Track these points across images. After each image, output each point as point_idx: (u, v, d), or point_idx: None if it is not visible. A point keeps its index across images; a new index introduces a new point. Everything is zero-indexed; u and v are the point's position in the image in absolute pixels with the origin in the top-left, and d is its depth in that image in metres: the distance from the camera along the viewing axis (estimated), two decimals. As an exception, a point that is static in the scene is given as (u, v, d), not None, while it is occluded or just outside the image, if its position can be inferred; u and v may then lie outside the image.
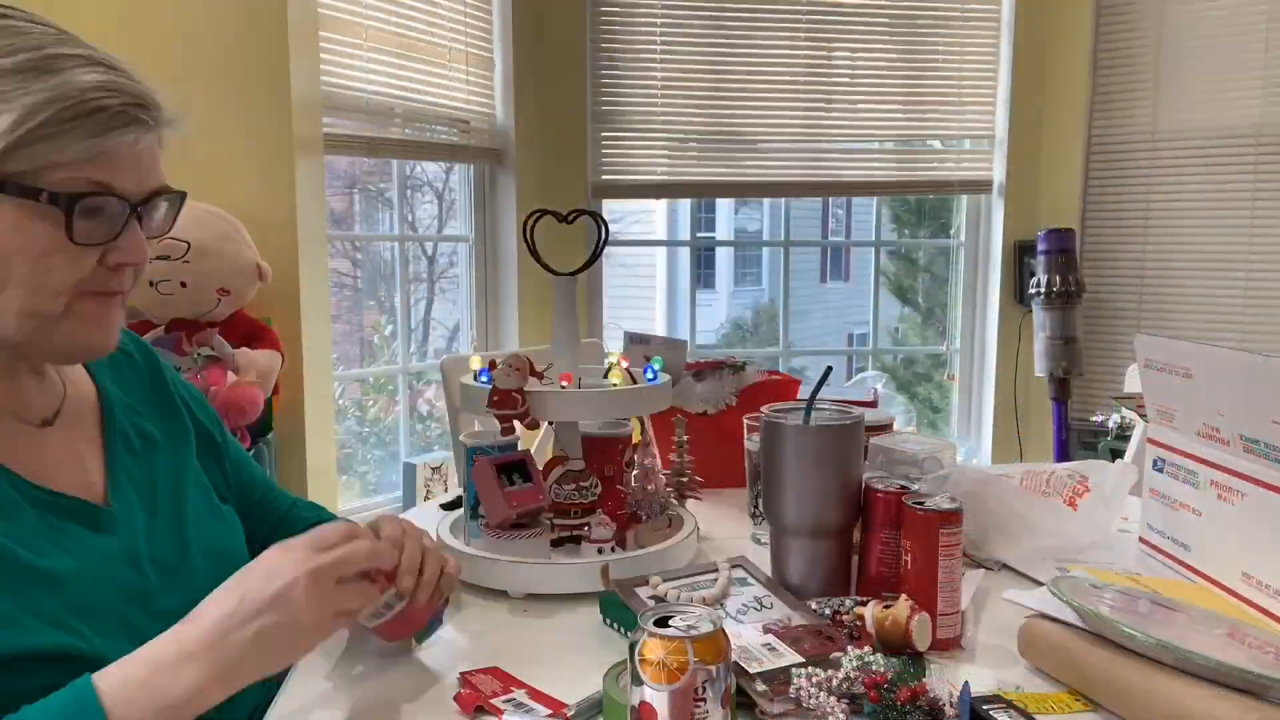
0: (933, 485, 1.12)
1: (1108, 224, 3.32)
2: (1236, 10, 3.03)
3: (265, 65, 2.12)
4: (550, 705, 0.82)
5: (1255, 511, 1.01)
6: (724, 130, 3.22)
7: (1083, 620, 0.86)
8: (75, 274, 0.74)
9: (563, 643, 0.98)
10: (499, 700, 0.83)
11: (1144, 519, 1.22)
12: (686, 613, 0.70)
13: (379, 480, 3.43)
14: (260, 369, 2.00)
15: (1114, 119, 3.27)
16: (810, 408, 1.06)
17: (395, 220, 2.94)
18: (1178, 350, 1.12)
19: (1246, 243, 3.08)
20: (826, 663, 0.84)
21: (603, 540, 1.13)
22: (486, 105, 2.94)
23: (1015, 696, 0.82)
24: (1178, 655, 0.76)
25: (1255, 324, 3.08)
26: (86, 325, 0.76)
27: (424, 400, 3.55)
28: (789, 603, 0.99)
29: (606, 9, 3.10)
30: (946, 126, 3.34)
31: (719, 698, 0.67)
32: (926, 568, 0.95)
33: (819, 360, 6.69)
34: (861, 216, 9.92)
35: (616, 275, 7.54)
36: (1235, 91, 3.06)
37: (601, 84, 3.13)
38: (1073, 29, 3.27)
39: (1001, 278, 3.36)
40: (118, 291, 0.78)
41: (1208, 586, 1.09)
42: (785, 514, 1.06)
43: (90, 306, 0.76)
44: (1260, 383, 0.99)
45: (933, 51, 3.28)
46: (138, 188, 0.76)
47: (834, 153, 3.32)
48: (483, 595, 1.11)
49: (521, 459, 1.14)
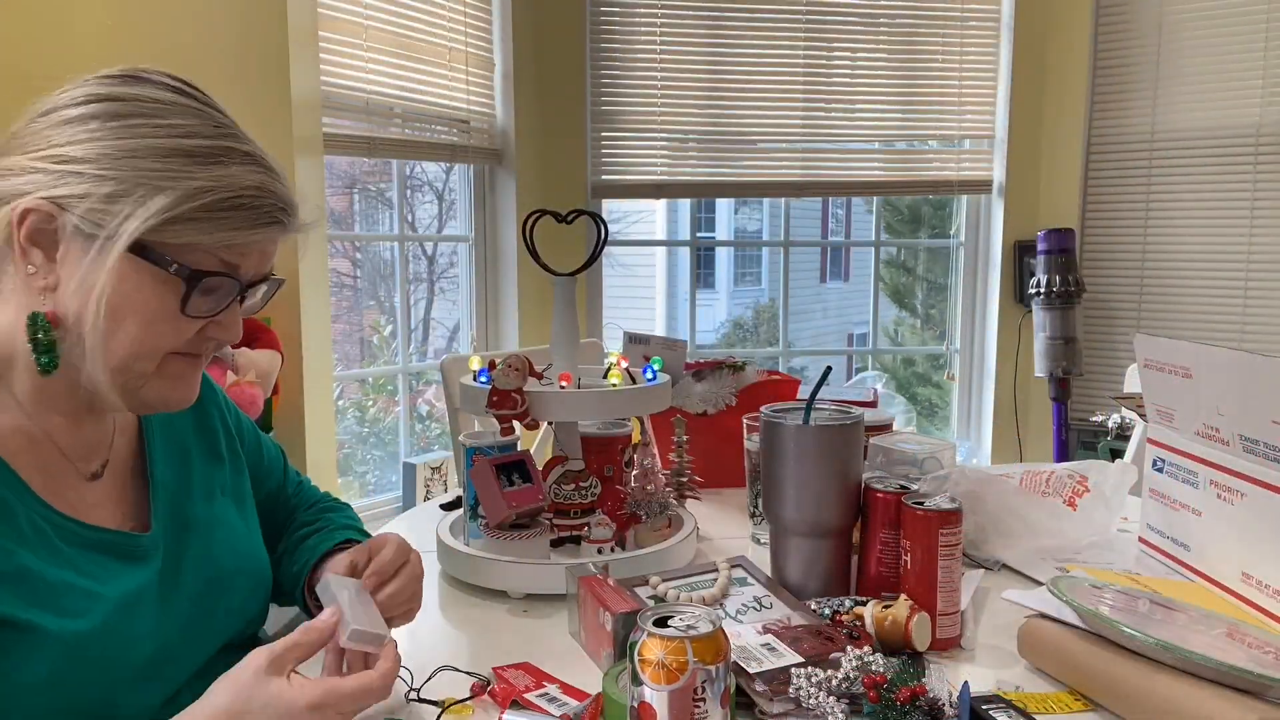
0: (932, 485, 1.12)
1: (1108, 224, 3.32)
2: (1236, 10, 3.03)
3: (265, 65, 2.12)
4: (581, 699, 0.83)
5: (1255, 511, 1.01)
6: (723, 130, 3.22)
7: (1082, 620, 0.86)
8: (174, 341, 0.77)
9: (564, 644, 0.98)
10: (533, 695, 0.84)
11: (1144, 519, 1.22)
12: (686, 613, 0.70)
13: (378, 480, 3.43)
14: (260, 369, 2.00)
15: (1114, 119, 3.27)
16: (810, 408, 1.06)
17: (395, 220, 2.94)
18: (1177, 350, 1.12)
19: (1246, 243, 3.08)
20: (826, 663, 0.84)
21: (602, 540, 1.13)
22: (486, 105, 2.94)
23: (1015, 696, 0.82)
24: (1177, 655, 0.76)
25: (1255, 324, 3.08)
26: (171, 383, 0.79)
27: (423, 400, 3.55)
28: (788, 603, 0.99)
29: (606, 9, 3.10)
30: (946, 126, 3.34)
31: (718, 698, 0.67)
32: (926, 568, 0.95)
33: (819, 360, 6.69)
34: (861, 217, 9.92)
35: (616, 275, 7.54)
36: (1235, 91, 3.06)
37: (601, 84, 3.13)
38: (1073, 29, 3.27)
39: (1001, 278, 3.36)
40: (202, 354, 0.81)
41: (1207, 586, 1.09)
42: (785, 514, 1.06)
43: (177, 367, 0.79)
44: (1260, 383, 0.99)
45: (932, 51, 3.28)
46: (254, 273, 0.80)
47: (833, 153, 3.32)
48: (482, 595, 1.11)
49: (521, 459, 1.14)
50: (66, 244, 0.72)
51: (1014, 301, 3.36)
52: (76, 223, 0.71)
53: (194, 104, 0.77)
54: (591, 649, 0.94)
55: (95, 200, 0.71)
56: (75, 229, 0.71)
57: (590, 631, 0.94)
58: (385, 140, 2.57)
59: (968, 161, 3.37)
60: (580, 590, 0.96)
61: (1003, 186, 3.35)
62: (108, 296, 0.72)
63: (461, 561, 1.13)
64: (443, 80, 2.73)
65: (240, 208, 0.74)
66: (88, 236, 0.71)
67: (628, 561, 1.10)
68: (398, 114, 2.63)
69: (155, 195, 0.71)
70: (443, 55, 2.72)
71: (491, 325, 3.08)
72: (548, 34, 3.05)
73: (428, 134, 2.75)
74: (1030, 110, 3.31)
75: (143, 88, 0.75)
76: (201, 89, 0.80)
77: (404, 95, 2.60)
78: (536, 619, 1.05)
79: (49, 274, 0.73)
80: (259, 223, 0.76)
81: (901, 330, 7.77)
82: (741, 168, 3.27)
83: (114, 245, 0.71)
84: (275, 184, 0.78)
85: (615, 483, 1.21)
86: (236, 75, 2.10)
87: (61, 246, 0.72)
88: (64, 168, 0.71)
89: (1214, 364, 1.07)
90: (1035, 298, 3.12)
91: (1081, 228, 3.32)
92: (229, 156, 0.75)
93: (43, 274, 0.73)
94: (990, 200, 3.41)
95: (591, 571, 0.99)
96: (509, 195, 3.01)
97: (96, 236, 0.71)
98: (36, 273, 0.73)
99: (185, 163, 0.73)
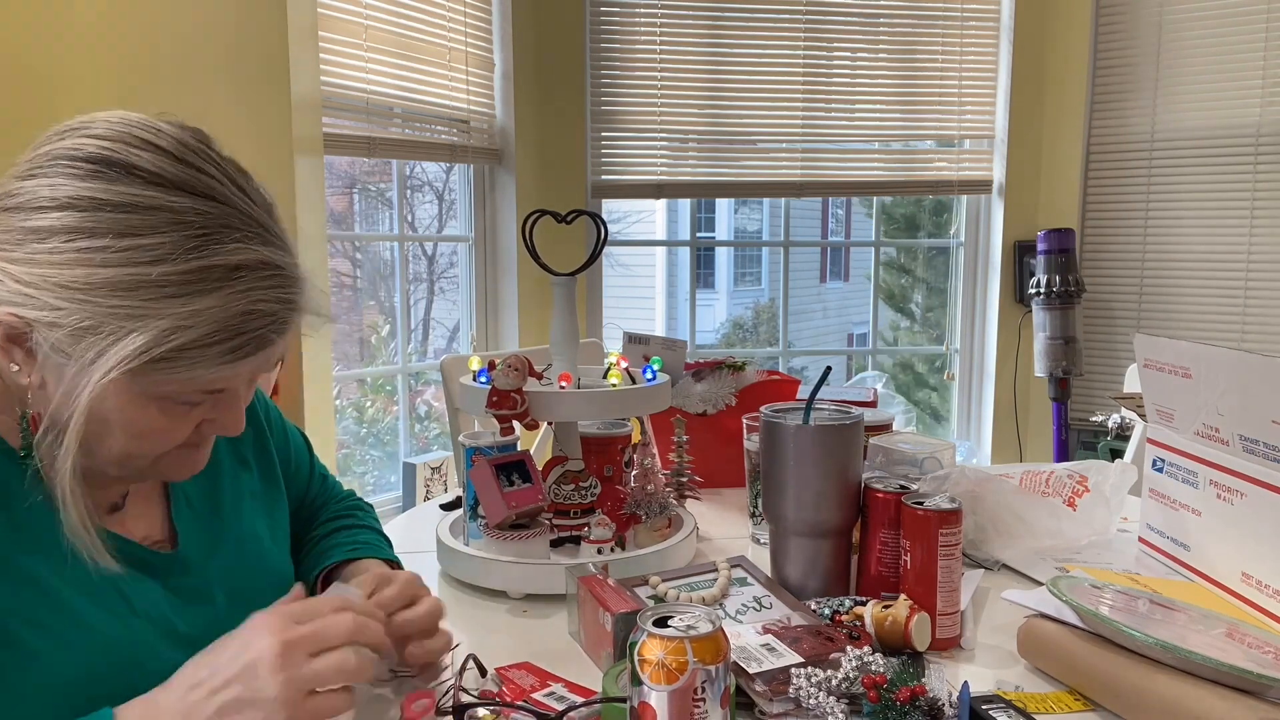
0: (932, 485, 1.12)
1: (1107, 224, 3.32)
2: (1236, 10, 3.03)
3: (265, 65, 2.12)
4: (586, 696, 0.83)
5: (1255, 511, 1.01)
6: (723, 130, 3.22)
7: (1082, 620, 0.86)
8: (167, 445, 0.74)
9: (564, 644, 0.98)
10: (540, 695, 0.84)
11: (1144, 519, 1.22)
12: (685, 613, 0.70)
13: (378, 480, 3.43)
14: (260, 369, 2.00)
15: (1114, 119, 3.27)
16: (810, 408, 1.06)
17: (395, 220, 2.94)
18: (1177, 350, 1.12)
19: (1246, 243, 3.08)
20: (826, 663, 0.84)
21: (602, 540, 1.13)
22: (486, 105, 2.94)
23: (1014, 696, 0.82)
24: (1177, 655, 0.76)
25: (1255, 324, 3.08)
26: (178, 465, 0.77)
27: (422, 400, 3.55)
28: (788, 603, 0.99)
29: (606, 9, 3.10)
30: (946, 127, 3.34)
31: (718, 698, 0.67)
32: (926, 568, 0.95)
33: (819, 360, 6.69)
34: (860, 220, 9.92)
35: (616, 275, 7.54)
36: (1235, 91, 3.06)
37: (601, 84, 3.13)
38: (1072, 29, 3.27)
39: (1001, 278, 3.36)
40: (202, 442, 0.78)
41: (1207, 586, 1.09)
42: (785, 514, 1.06)
43: (178, 454, 0.76)
44: (1260, 383, 0.99)
45: (932, 51, 3.28)
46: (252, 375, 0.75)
47: (833, 153, 3.32)
48: (482, 595, 1.11)
49: (521, 459, 1.13)
50: (43, 356, 0.68)
51: (1014, 301, 3.36)
52: (48, 344, 0.66)
53: (178, 198, 0.68)
54: (591, 649, 0.94)
55: (64, 331, 0.65)
56: (52, 347, 0.67)
57: (590, 631, 0.94)
58: (385, 140, 2.57)
59: (967, 162, 3.37)
60: (580, 590, 0.96)
61: (1002, 187, 3.35)
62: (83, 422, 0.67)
63: (461, 561, 1.13)
64: (443, 80, 2.73)
65: (222, 341, 0.67)
66: (62, 354, 0.66)
67: (627, 561, 1.10)
68: (398, 114, 2.63)
69: (126, 335, 0.65)
70: (443, 55, 2.72)
71: (491, 325, 3.08)
72: (548, 34, 3.05)
73: (428, 134, 2.75)
74: (1030, 110, 3.31)
75: (121, 183, 0.67)
76: (203, 144, 0.72)
77: (404, 95, 2.60)
78: (536, 619, 1.05)
79: (31, 372, 0.69)
80: (245, 353, 0.69)
81: (898, 335, 7.77)
82: (741, 168, 3.27)
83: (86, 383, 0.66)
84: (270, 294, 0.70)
85: (615, 483, 1.21)
86: (236, 75, 2.10)
87: (39, 355, 0.68)
88: (26, 290, 0.66)
89: (1214, 364, 1.07)
90: (1035, 298, 3.13)
91: (1081, 228, 3.32)
92: (208, 280, 0.67)
93: (25, 372, 0.69)
94: (990, 200, 3.41)
95: (591, 571, 0.99)
96: (509, 195, 3.01)
97: (65, 364, 0.67)
98: (20, 370, 0.69)
99: (155, 296, 0.65)
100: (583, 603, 0.95)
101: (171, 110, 0.76)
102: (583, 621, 0.96)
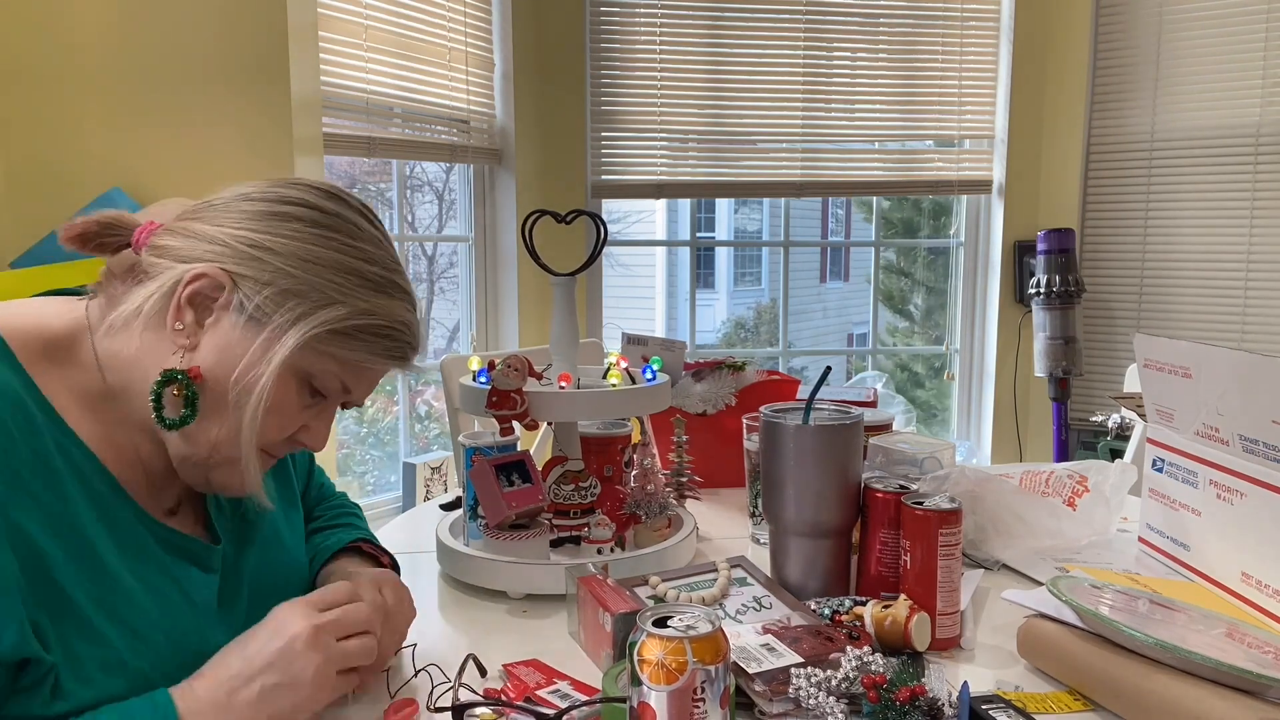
0: (932, 485, 1.12)
1: (1107, 224, 3.32)
2: (1236, 10, 3.03)
3: (265, 65, 2.12)
4: (591, 694, 0.83)
5: (1255, 511, 1.01)
6: (723, 130, 3.22)
7: (1082, 620, 0.86)
8: (277, 435, 0.80)
9: (564, 644, 0.98)
10: (544, 692, 0.84)
11: (1143, 519, 1.22)
12: (685, 613, 0.70)
13: (378, 480, 3.43)
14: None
15: (1113, 119, 3.27)
16: (810, 408, 1.06)
17: (395, 220, 2.94)
18: (1177, 350, 1.12)
19: (1246, 243, 3.08)
20: (826, 663, 0.84)
21: (602, 540, 1.13)
22: (486, 105, 2.94)
23: (1014, 696, 0.82)
24: (1177, 655, 0.76)
25: (1255, 324, 3.08)
26: (237, 478, 0.80)
27: (422, 400, 3.55)
28: (788, 603, 0.99)
29: (606, 9, 3.10)
30: (946, 127, 3.34)
31: (718, 698, 0.67)
32: (926, 568, 0.95)
33: (819, 360, 6.69)
34: (859, 225, 9.92)
35: (616, 275, 7.54)
36: (1235, 91, 3.06)
37: (601, 84, 3.13)
38: (1072, 29, 3.27)
39: (1001, 278, 3.37)
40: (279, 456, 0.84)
41: (1207, 586, 1.09)
42: (785, 514, 1.06)
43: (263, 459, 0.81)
44: (1260, 383, 0.99)
45: (932, 52, 3.29)
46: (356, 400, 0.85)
47: (833, 153, 3.32)
48: (482, 596, 1.11)
49: (520, 459, 1.13)
50: (222, 316, 0.76)
51: (1014, 301, 3.36)
52: (245, 303, 0.75)
53: (377, 234, 0.83)
54: (591, 649, 0.94)
55: (273, 291, 0.75)
56: (239, 307, 0.75)
57: (590, 632, 0.94)
58: (385, 140, 2.57)
59: (967, 162, 3.37)
60: (580, 590, 0.96)
61: (1002, 187, 3.35)
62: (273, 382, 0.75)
63: (461, 562, 1.13)
64: (443, 80, 2.73)
65: (388, 337, 0.81)
66: (251, 319, 0.75)
67: (627, 561, 1.10)
68: (398, 114, 2.63)
69: (328, 305, 0.77)
70: (443, 55, 2.72)
71: (491, 325, 3.08)
72: (548, 34, 3.05)
73: (428, 134, 2.75)
74: (1030, 110, 3.32)
75: (342, 208, 0.81)
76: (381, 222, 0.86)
77: (404, 95, 2.60)
78: (536, 619, 1.05)
79: (192, 335, 0.76)
80: (394, 356, 0.82)
81: (896, 338, 7.78)
82: (741, 168, 3.27)
83: (283, 340, 0.75)
84: (417, 328, 0.85)
85: (615, 483, 1.21)
86: (237, 75, 2.10)
87: (214, 315, 0.76)
88: (254, 251, 0.76)
89: (1214, 364, 1.06)
90: (1035, 298, 3.13)
91: (1081, 228, 3.33)
92: (394, 290, 0.82)
93: (187, 334, 0.76)
94: (990, 200, 3.41)
95: (591, 571, 0.99)
96: (509, 195, 3.01)
97: (260, 323, 0.75)
98: (182, 330, 0.75)
99: (360, 284, 0.79)
100: (582, 603, 0.95)
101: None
102: (582, 621, 0.96)
